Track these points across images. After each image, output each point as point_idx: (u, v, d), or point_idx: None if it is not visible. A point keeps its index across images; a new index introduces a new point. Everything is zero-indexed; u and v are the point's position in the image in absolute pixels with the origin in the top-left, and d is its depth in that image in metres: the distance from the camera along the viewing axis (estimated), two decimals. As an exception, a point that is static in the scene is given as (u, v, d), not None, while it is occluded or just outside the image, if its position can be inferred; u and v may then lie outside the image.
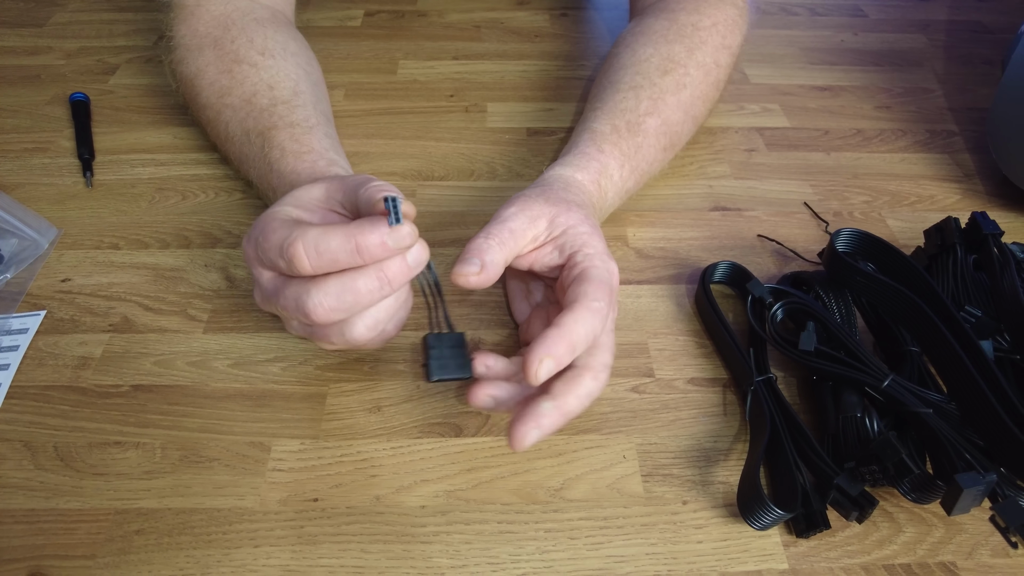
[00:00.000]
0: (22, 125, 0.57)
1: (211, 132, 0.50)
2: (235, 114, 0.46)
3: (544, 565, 0.32)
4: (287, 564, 0.32)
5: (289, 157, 0.41)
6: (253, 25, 0.49)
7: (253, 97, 0.45)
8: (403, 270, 0.30)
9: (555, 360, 0.30)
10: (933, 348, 0.36)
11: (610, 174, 0.43)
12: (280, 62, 0.47)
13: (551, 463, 0.36)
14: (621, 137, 0.44)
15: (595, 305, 0.32)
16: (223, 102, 0.46)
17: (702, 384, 0.40)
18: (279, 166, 0.41)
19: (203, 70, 0.48)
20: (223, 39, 0.48)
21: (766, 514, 0.32)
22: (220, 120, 0.47)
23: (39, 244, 0.45)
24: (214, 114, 0.47)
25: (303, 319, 0.31)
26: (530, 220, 0.35)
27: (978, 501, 0.31)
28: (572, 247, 0.35)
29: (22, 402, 0.38)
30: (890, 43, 0.70)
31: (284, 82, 0.46)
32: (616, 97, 0.46)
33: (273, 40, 0.49)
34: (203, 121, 0.50)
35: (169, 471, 0.35)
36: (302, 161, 0.41)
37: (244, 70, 0.46)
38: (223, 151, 0.49)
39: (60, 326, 0.42)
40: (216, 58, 0.47)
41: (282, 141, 0.42)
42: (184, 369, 0.40)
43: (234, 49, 0.47)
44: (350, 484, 0.35)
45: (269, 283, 0.32)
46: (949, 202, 0.52)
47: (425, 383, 0.39)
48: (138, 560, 0.32)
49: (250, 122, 0.45)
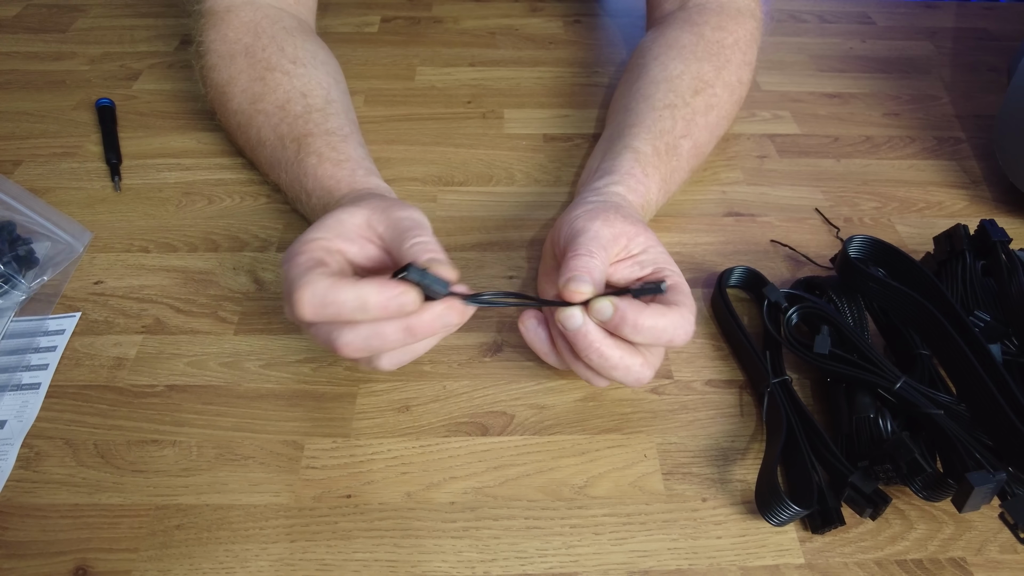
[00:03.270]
0: (50, 130, 0.58)
1: (240, 137, 0.51)
2: (268, 120, 0.47)
3: (570, 559, 0.33)
4: (323, 558, 0.33)
5: (327, 164, 0.43)
6: (283, 34, 0.50)
7: (287, 104, 0.47)
8: (432, 325, 0.31)
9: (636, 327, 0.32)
10: (943, 351, 0.38)
11: (650, 197, 0.44)
12: (311, 70, 0.49)
13: (575, 461, 0.37)
14: (661, 160, 0.45)
15: (688, 316, 0.33)
16: (255, 108, 0.48)
17: (719, 386, 0.41)
18: (317, 172, 0.42)
19: (235, 77, 0.49)
20: (254, 47, 0.49)
21: (783, 511, 0.33)
22: (252, 125, 0.48)
23: (74, 248, 0.47)
24: (245, 119, 0.49)
25: (331, 351, 0.32)
26: (614, 237, 0.36)
27: (988, 499, 0.32)
28: (655, 265, 0.36)
29: (61, 401, 0.39)
30: (898, 50, 0.72)
31: (317, 90, 0.48)
32: (653, 115, 0.47)
33: (303, 49, 0.50)
34: (232, 126, 0.51)
35: (206, 468, 0.37)
36: (341, 168, 0.42)
37: (277, 77, 0.48)
38: (252, 156, 0.51)
39: (95, 327, 0.43)
40: (248, 65, 0.49)
41: (319, 148, 0.43)
42: (217, 370, 0.41)
43: (265, 57, 0.49)
44: (381, 481, 0.36)
45: None
46: (956, 208, 0.53)
47: (452, 383, 0.40)
48: (179, 554, 0.33)
49: (284, 128, 0.46)
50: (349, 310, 0.30)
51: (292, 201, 0.47)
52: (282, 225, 0.50)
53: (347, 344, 0.31)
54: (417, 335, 0.31)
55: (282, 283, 0.35)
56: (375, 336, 0.31)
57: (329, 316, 0.30)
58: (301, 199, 0.44)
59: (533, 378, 0.41)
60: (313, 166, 0.43)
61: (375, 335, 0.30)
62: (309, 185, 0.43)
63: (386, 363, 0.33)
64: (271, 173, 0.48)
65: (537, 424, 0.39)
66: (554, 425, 0.39)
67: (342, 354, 0.31)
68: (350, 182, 0.41)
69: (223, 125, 0.53)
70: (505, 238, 0.49)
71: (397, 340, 0.31)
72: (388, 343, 0.31)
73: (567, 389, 0.40)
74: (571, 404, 0.40)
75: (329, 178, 0.42)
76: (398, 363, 0.33)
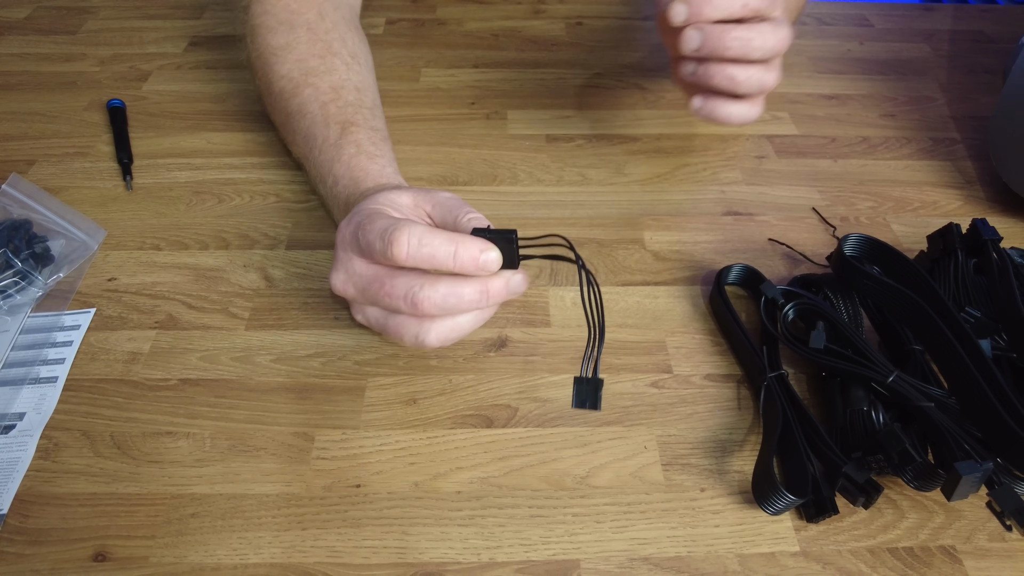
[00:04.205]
0: (62, 130, 0.59)
1: (279, 102, 0.51)
2: (317, 95, 0.48)
3: (573, 547, 0.35)
4: (333, 545, 0.34)
5: (363, 157, 0.44)
6: (343, 24, 0.53)
7: (340, 89, 0.48)
8: (502, 292, 0.34)
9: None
10: (935, 347, 0.39)
11: None
12: (365, 71, 0.52)
13: (577, 452, 0.38)
14: None
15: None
16: (307, 80, 0.49)
17: (717, 380, 0.42)
18: (351, 161, 0.44)
19: (293, 45, 0.51)
20: (317, 26, 0.51)
21: (779, 500, 0.34)
22: (298, 94, 0.49)
23: (88, 245, 0.48)
24: (292, 86, 0.50)
25: (408, 307, 0.33)
26: None
27: (976, 488, 0.33)
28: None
29: (78, 394, 0.40)
30: (895, 52, 0.73)
31: (368, 91, 0.50)
32: None
33: (360, 48, 0.53)
34: (274, 90, 0.51)
35: (219, 459, 0.38)
36: (374, 163, 0.44)
37: (335, 63, 0.50)
38: (284, 122, 0.51)
39: (109, 323, 0.44)
40: (308, 40, 0.51)
41: (360, 139, 0.45)
42: (229, 364, 0.42)
43: (328, 40, 0.51)
44: (390, 471, 0.37)
45: (366, 270, 0.35)
46: (951, 208, 0.54)
47: (458, 377, 0.42)
48: (194, 541, 0.34)
49: (332, 108, 0.47)
50: (442, 255, 0.32)
51: (313, 179, 0.48)
52: (291, 224, 0.51)
53: (427, 298, 0.32)
54: (490, 299, 0.33)
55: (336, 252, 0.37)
56: (453, 295, 0.33)
57: (422, 258, 0.32)
58: (326, 181, 0.46)
59: (536, 373, 0.42)
60: (350, 155, 0.45)
61: (453, 294, 0.33)
62: (339, 170, 0.44)
63: (434, 337, 0.35)
64: (301, 145, 0.49)
65: (540, 417, 0.40)
66: (557, 418, 0.40)
67: (421, 309, 0.33)
68: (377, 177, 0.43)
69: (260, 85, 0.54)
70: (509, 236, 0.51)
71: (472, 302, 0.33)
72: (463, 303, 0.33)
73: (569, 384, 0.41)
74: (573, 397, 0.41)
75: (360, 169, 0.44)
76: (445, 340, 0.35)
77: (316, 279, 0.47)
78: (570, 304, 0.46)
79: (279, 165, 0.56)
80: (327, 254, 0.49)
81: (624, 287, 0.47)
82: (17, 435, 0.38)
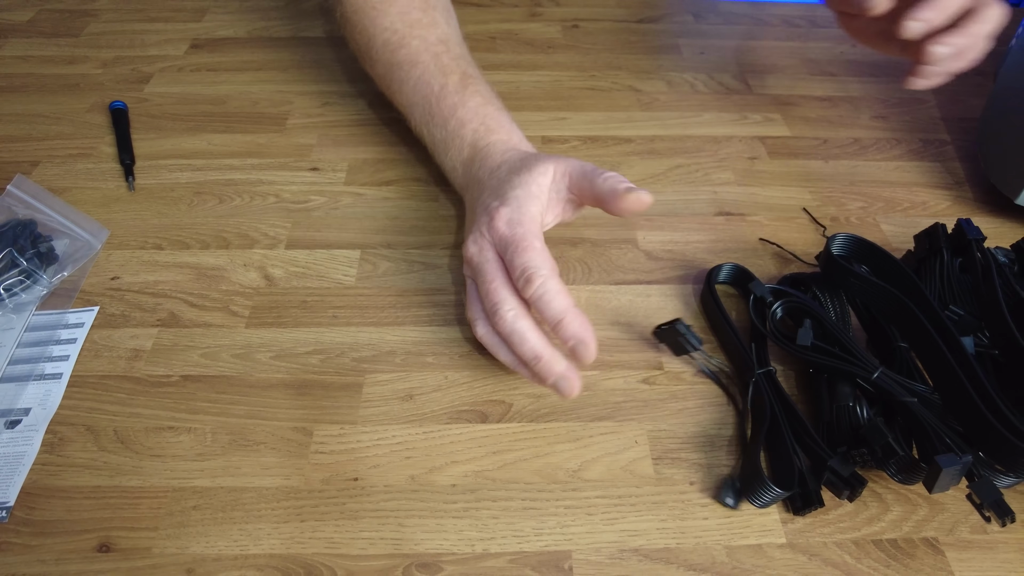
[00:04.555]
0: (65, 132, 0.60)
1: (382, 55, 0.52)
2: (427, 47, 0.50)
3: (564, 538, 0.35)
4: (331, 537, 0.35)
5: (491, 107, 0.47)
6: None
7: (447, 42, 0.50)
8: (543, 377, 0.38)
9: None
10: (919, 344, 0.40)
11: None
12: (457, 29, 0.54)
13: (569, 447, 0.39)
14: None
15: None
16: (413, 32, 0.51)
17: (707, 377, 0.43)
18: (480, 108, 0.47)
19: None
20: None
21: (766, 493, 0.35)
22: (405, 45, 0.51)
23: (92, 245, 0.49)
24: (398, 38, 0.51)
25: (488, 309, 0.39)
26: None
27: (956, 480, 0.34)
28: None
29: (82, 390, 0.41)
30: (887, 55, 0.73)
31: (466, 48, 0.53)
32: None
33: (450, 6, 0.55)
34: (377, 42, 0.52)
35: (220, 454, 0.39)
36: (504, 114, 0.47)
37: (436, 17, 0.52)
38: (390, 75, 0.52)
39: (112, 321, 0.45)
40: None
41: (483, 91, 0.48)
42: (229, 361, 0.43)
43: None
44: (387, 465, 0.38)
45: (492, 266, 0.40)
46: (940, 208, 0.55)
47: (454, 374, 0.43)
48: (196, 532, 0.35)
49: (445, 59, 0.49)
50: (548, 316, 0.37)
51: (425, 124, 0.50)
52: (290, 224, 0.52)
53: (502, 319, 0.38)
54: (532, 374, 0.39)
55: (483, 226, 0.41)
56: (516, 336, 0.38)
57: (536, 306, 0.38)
58: (447, 124, 0.48)
59: (530, 369, 0.43)
60: (477, 103, 0.47)
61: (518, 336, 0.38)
62: (465, 114, 0.47)
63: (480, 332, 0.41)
64: (411, 94, 0.50)
65: (534, 412, 0.41)
66: (550, 413, 0.41)
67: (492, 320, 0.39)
68: (508, 132, 0.46)
69: (359, 39, 0.55)
70: (504, 236, 0.51)
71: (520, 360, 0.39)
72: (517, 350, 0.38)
73: (563, 379, 0.42)
74: (566, 394, 0.42)
75: (491, 118, 0.46)
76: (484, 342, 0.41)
77: (315, 278, 0.48)
78: (564, 302, 0.47)
79: (278, 166, 0.57)
80: (326, 254, 0.50)
81: (617, 286, 0.48)
82: (23, 430, 0.39)
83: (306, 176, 0.56)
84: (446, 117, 0.48)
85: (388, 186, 0.56)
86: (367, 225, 0.52)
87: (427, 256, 0.50)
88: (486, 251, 0.40)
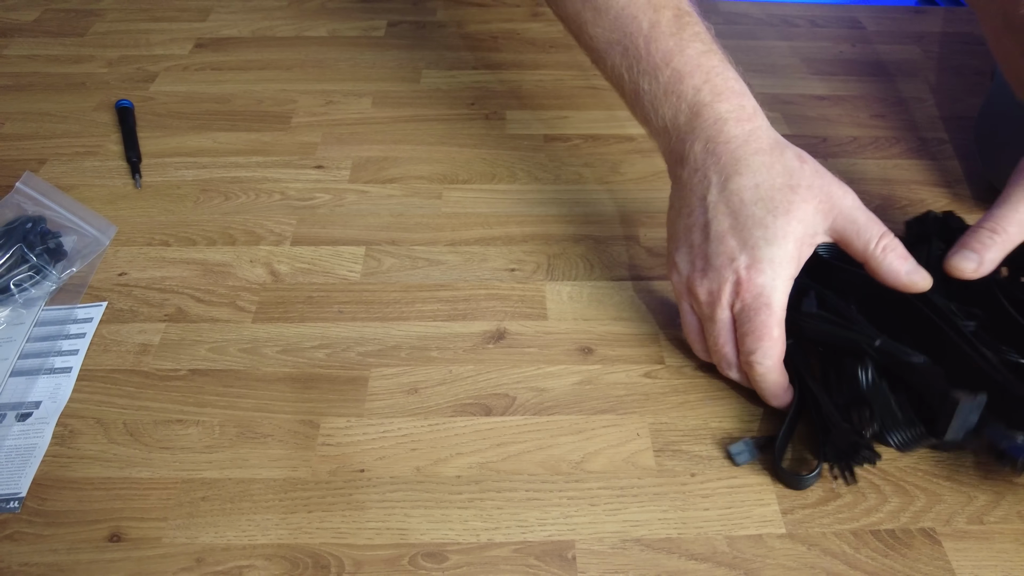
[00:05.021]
0: (72, 130, 0.61)
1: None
2: None
3: (568, 528, 0.36)
4: (338, 527, 0.36)
5: (714, 57, 0.40)
6: None
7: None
8: None
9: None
10: (914, 328, 0.40)
11: None
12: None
13: (572, 439, 0.40)
14: None
15: None
16: None
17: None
18: (704, 59, 0.40)
19: None
20: None
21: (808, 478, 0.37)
22: None
23: (100, 241, 0.49)
24: None
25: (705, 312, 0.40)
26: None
27: (973, 417, 0.34)
28: None
29: (92, 384, 0.42)
30: (886, 54, 0.74)
31: None
32: None
33: None
34: None
35: (228, 446, 0.39)
36: (730, 69, 0.41)
37: None
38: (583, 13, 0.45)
39: (120, 316, 0.46)
40: None
41: (700, 32, 0.41)
42: (236, 355, 0.44)
43: None
44: (393, 457, 0.39)
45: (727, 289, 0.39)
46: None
47: (458, 368, 0.43)
48: (205, 523, 0.36)
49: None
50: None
51: (626, 66, 0.42)
52: (295, 220, 0.53)
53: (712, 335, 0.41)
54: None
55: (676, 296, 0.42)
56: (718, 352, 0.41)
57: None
58: (658, 74, 0.40)
59: (533, 364, 0.43)
60: (699, 51, 0.40)
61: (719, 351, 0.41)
62: (683, 65, 0.40)
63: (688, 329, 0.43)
64: (610, 30, 0.43)
65: (537, 405, 0.41)
66: (553, 406, 0.41)
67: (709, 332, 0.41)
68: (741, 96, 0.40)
69: None
70: (507, 233, 0.52)
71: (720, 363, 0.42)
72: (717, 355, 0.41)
73: (565, 374, 0.43)
74: (569, 387, 0.42)
75: (718, 75, 0.40)
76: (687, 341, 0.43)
77: (320, 274, 0.49)
78: (566, 298, 0.48)
79: (283, 164, 0.58)
80: (331, 250, 0.50)
81: (619, 282, 0.49)
82: (34, 423, 0.40)
83: (311, 174, 0.57)
84: (657, 65, 0.41)
85: (392, 183, 0.56)
86: (371, 222, 0.53)
87: (431, 252, 0.51)
88: (721, 310, 0.39)
